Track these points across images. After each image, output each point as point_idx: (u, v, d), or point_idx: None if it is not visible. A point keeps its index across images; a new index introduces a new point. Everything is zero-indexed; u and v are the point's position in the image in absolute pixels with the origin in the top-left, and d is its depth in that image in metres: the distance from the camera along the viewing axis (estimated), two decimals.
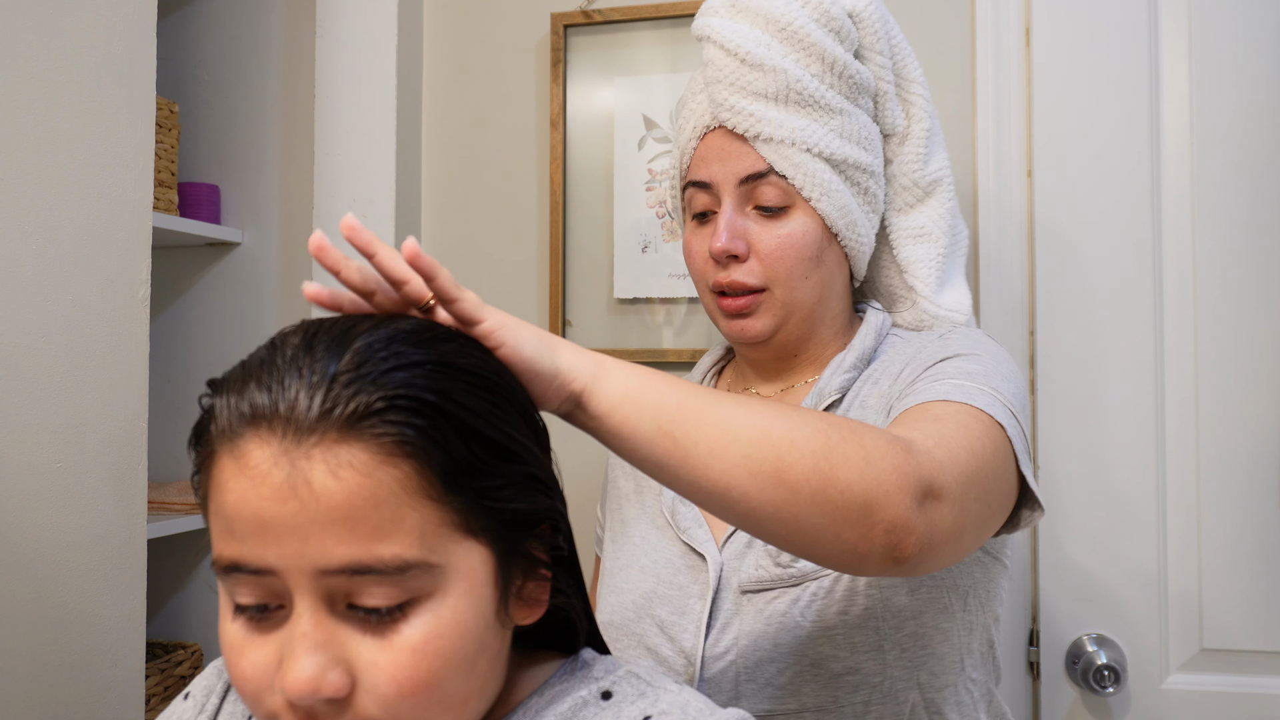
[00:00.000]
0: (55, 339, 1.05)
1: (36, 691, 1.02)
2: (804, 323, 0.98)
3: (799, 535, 0.64)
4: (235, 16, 1.63)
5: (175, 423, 1.63)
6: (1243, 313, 1.31)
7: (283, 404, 0.51)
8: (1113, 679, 1.29)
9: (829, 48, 0.95)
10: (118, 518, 1.13)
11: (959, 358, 0.87)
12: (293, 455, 0.51)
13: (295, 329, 0.56)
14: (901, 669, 0.87)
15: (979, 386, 0.81)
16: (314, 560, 0.51)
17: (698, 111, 0.99)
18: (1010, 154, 1.39)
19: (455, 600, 0.54)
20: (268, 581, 0.52)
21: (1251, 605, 1.29)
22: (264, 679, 0.53)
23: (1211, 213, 1.32)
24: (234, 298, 1.62)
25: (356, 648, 0.52)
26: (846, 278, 1.02)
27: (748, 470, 0.62)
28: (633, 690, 0.62)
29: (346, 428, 0.51)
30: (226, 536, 0.53)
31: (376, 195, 1.54)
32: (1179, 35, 1.34)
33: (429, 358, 0.54)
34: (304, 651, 0.51)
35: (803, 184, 0.94)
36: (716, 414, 0.63)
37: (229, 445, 0.53)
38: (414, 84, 1.61)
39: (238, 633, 0.54)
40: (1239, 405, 1.30)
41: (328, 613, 0.52)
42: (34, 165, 1.03)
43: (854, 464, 0.64)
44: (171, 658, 1.48)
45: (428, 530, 0.52)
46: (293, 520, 0.51)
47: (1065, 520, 1.35)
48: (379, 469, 0.51)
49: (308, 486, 0.50)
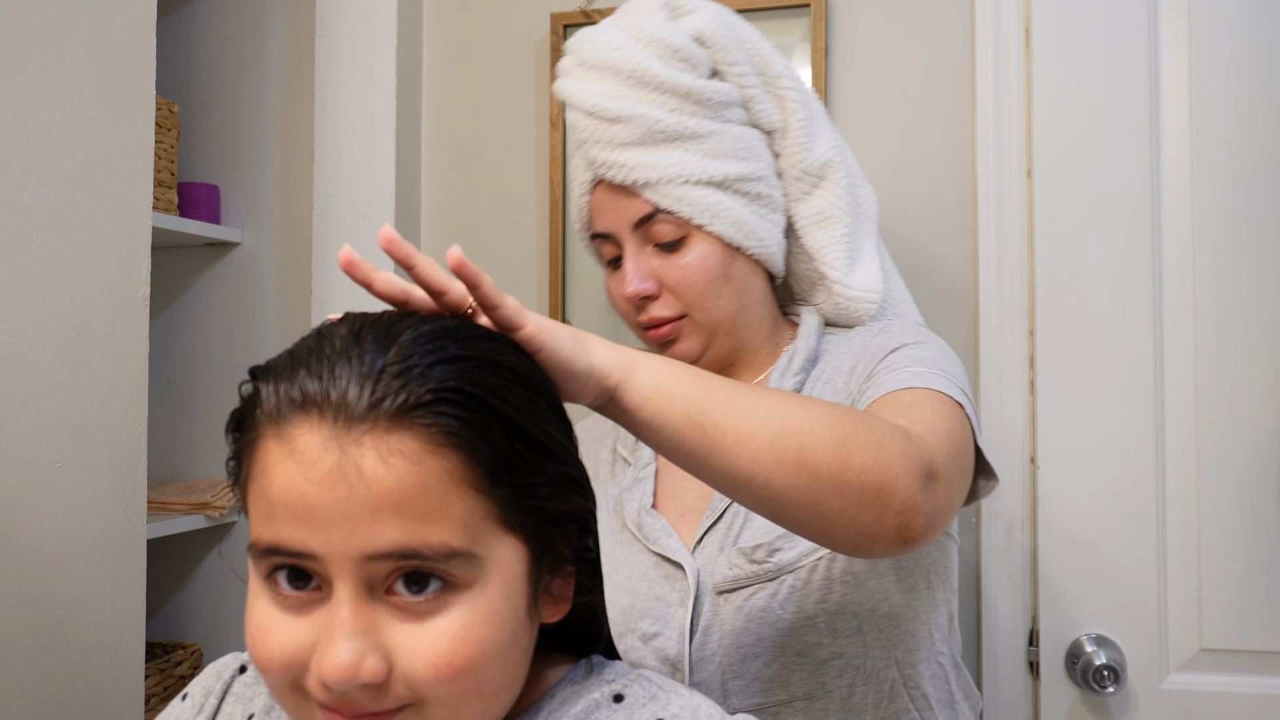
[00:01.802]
0: (55, 339, 1.05)
1: (36, 691, 1.02)
2: (730, 335, 1.02)
3: (817, 519, 0.67)
4: (235, 16, 1.63)
5: (175, 423, 1.63)
6: (1242, 312, 1.31)
7: (334, 392, 0.52)
8: (1112, 679, 1.29)
9: (678, 80, 0.98)
10: (117, 518, 1.13)
11: (906, 347, 0.93)
12: (343, 441, 0.51)
13: (341, 321, 0.57)
14: (881, 649, 0.91)
15: (933, 371, 0.87)
16: (361, 546, 0.51)
17: (579, 170, 1.05)
18: (1010, 154, 1.39)
19: (493, 592, 0.54)
20: (307, 564, 0.53)
21: (1251, 605, 1.29)
22: (293, 660, 0.53)
23: (1211, 212, 1.32)
24: (234, 298, 1.62)
25: (395, 634, 0.53)
26: (763, 281, 1.05)
27: (773, 457, 0.65)
28: (644, 693, 0.62)
29: (396, 417, 0.52)
30: (267, 519, 0.53)
31: (376, 195, 1.54)
32: (1179, 35, 1.34)
33: (471, 354, 0.55)
34: (343, 636, 0.51)
35: (691, 214, 0.97)
36: (742, 404, 0.66)
37: (276, 430, 0.53)
38: (414, 84, 1.61)
39: (267, 613, 0.54)
40: (1239, 405, 1.30)
41: (367, 599, 0.53)
42: (34, 165, 1.03)
43: (868, 450, 0.68)
44: (171, 658, 1.48)
45: (472, 521, 0.53)
46: (340, 506, 0.51)
47: (1065, 520, 1.35)
48: (428, 458, 0.52)
49: (358, 472, 0.51)
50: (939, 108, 1.44)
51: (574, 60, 1.03)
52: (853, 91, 1.47)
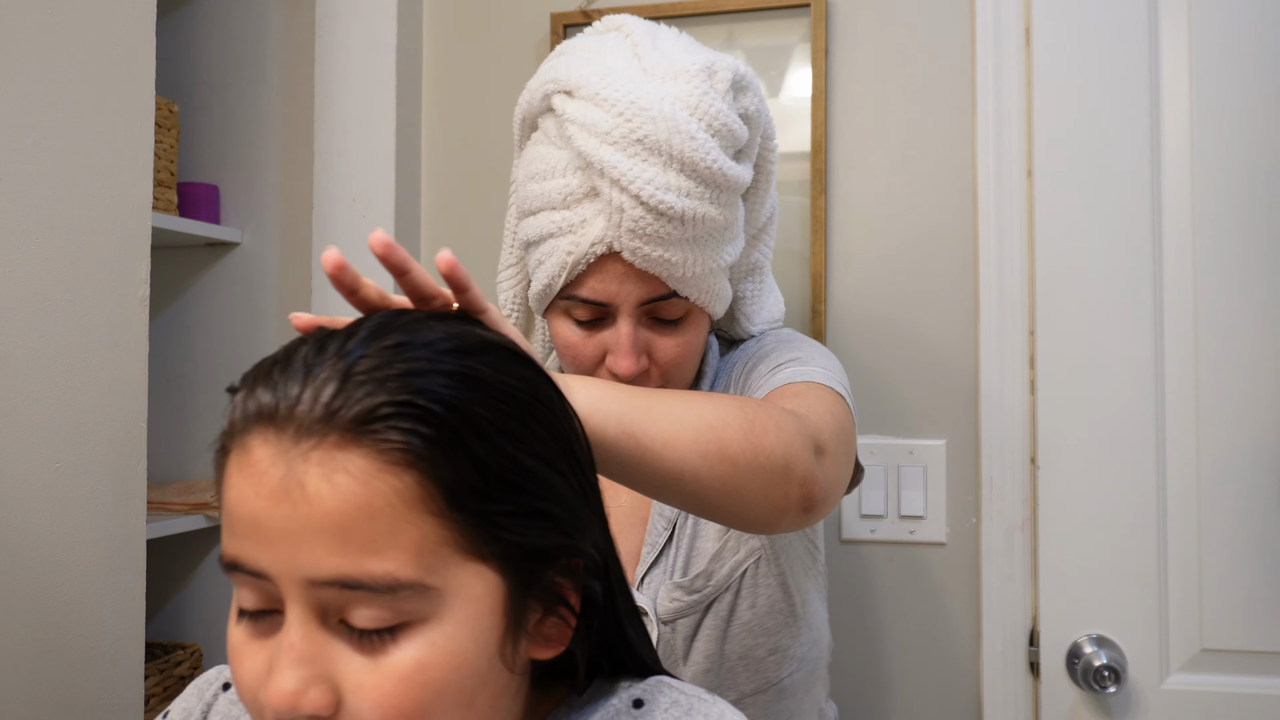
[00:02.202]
0: (55, 339, 1.05)
1: (36, 692, 1.02)
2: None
3: (737, 503, 0.73)
4: (235, 16, 1.63)
5: (175, 423, 1.63)
6: (1243, 312, 1.31)
7: (284, 404, 0.49)
8: (1113, 679, 1.29)
9: (735, 174, 0.90)
10: (117, 518, 1.13)
11: (784, 351, 0.99)
12: (290, 456, 0.48)
13: (335, 328, 0.54)
14: (806, 630, 1.01)
15: (813, 368, 0.94)
16: (304, 569, 0.48)
17: (590, 236, 0.89)
18: (1010, 154, 1.39)
19: (453, 628, 0.50)
20: (265, 585, 0.50)
21: (1252, 605, 1.29)
22: (258, 685, 0.51)
23: (1211, 212, 1.32)
24: (233, 298, 1.62)
25: (345, 666, 0.49)
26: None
27: (698, 453, 0.70)
28: (665, 699, 0.60)
29: (348, 431, 0.48)
30: (229, 534, 0.52)
31: (376, 195, 1.54)
32: (1179, 35, 1.34)
33: (455, 367, 0.51)
34: (288, 664, 0.49)
35: (705, 301, 0.95)
36: (664, 410, 0.70)
37: (238, 442, 0.51)
38: (414, 84, 1.61)
39: (240, 636, 0.52)
40: (1239, 405, 1.30)
41: (319, 625, 0.50)
42: (33, 165, 1.03)
43: (770, 432, 0.74)
44: (171, 658, 1.48)
45: (426, 548, 0.49)
46: (285, 524, 0.48)
47: (1065, 520, 1.35)
48: (376, 478, 0.48)
49: (301, 490, 0.48)
50: (939, 108, 1.44)
51: (624, 130, 0.87)
52: (853, 91, 1.47)
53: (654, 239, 0.88)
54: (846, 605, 1.43)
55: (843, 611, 1.43)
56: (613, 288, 0.92)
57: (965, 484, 1.41)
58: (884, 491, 1.42)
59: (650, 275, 0.91)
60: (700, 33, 1.51)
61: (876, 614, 1.43)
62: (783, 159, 1.48)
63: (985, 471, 1.38)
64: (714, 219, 0.90)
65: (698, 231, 0.90)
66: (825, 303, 1.45)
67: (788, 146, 1.47)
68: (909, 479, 1.41)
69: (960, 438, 1.41)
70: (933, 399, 1.42)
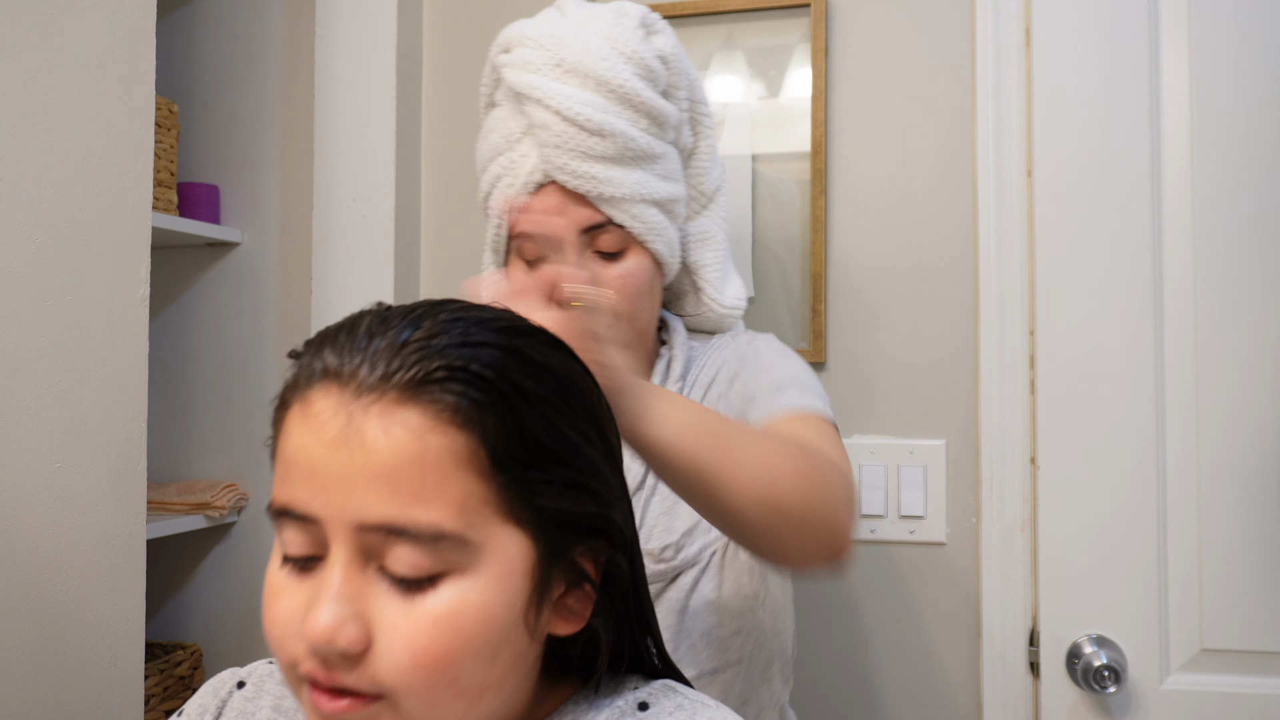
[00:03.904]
0: (55, 339, 1.05)
1: (35, 692, 1.02)
2: (639, 343, 1.07)
3: (773, 546, 0.77)
4: (235, 16, 1.63)
5: (175, 423, 1.63)
6: (1243, 312, 1.31)
7: (350, 364, 0.54)
8: (1113, 679, 1.29)
9: (652, 101, 1.00)
10: (117, 518, 1.13)
11: (782, 365, 1.03)
12: (351, 409, 0.53)
13: (379, 305, 0.59)
14: (769, 622, 1.03)
15: (812, 394, 0.99)
16: (354, 513, 0.52)
17: (526, 166, 1.01)
18: (1010, 154, 1.39)
19: (486, 583, 0.53)
20: (312, 530, 0.54)
21: (1252, 605, 1.29)
22: (291, 624, 0.54)
23: (1211, 211, 1.32)
24: (233, 298, 1.62)
25: (381, 608, 0.53)
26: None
27: (755, 499, 0.74)
28: (670, 703, 0.62)
29: (405, 391, 0.52)
30: (282, 480, 0.55)
31: (376, 195, 1.54)
32: (1179, 35, 1.34)
33: (502, 342, 0.56)
34: (328, 599, 0.52)
35: (640, 231, 1.01)
36: (735, 452, 0.74)
37: (299, 397, 0.55)
38: (414, 84, 1.61)
39: (279, 579, 0.55)
40: (1239, 404, 1.30)
41: (360, 568, 0.53)
42: (33, 165, 1.03)
43: (821, 492, 0.78)
44: (171, 658, 1.48)
45: (469, 505, 0.53)
46: (341, 470, 0.52)
47: (1065, 520, 1.35)
48: (429, 433, 0.52)
49: (359, 438, 0.52)
50: (939, 108, 1.44)
51: (545, 58, 1.00)
52: (853, 91, 1.47)
53: (578, 154, 0.97)
54: (847, 605, 1.43)
55: (843, 611, 1.43)
56: (553, 219, 1.00)
57: (965, 484, 1.41)
58: (884, 491, 1.42)
59: (586, 202, 0.99)
60: (700, 33, 1.51)
61: (876, 614, 1.43)
62: (783, 159, 1.48)
63: (985, 471, 1.38)
64: (635, 140, 0.99)
65: (620, 150, 0.98)
66: (825, 303, 1.45)
67: (788, 146, 1.47)
68: (909, 479, 1.42)
69: (960, 438, 1.41)
70: (933, 399, 1.42)
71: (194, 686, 1.53)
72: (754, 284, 1.48)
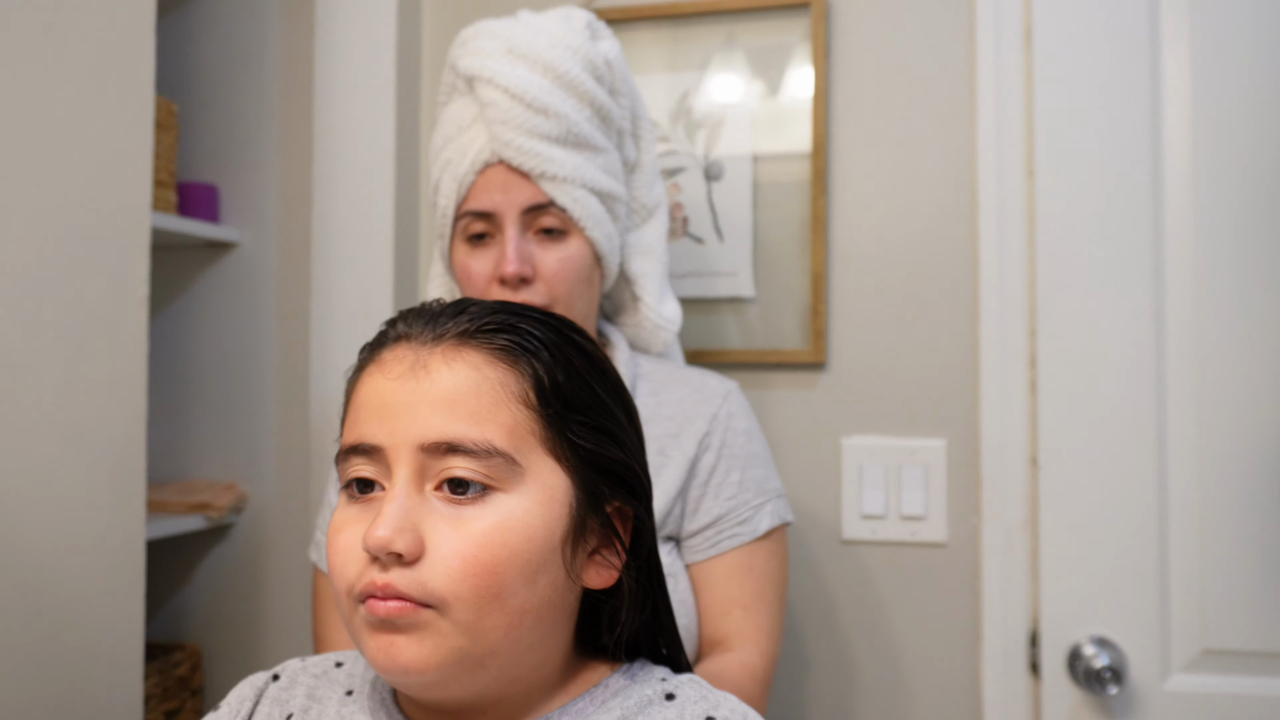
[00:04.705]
0: (54, 339, 1.05)
1: (35, 692, 1.02)
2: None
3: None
4: (235, 16, 1.63)
5: (174, 423, 1.62)
6: (1243, 312, 1.31)
7: (418, 328, 0.64)
8: (1114, 680, 1.29)
9: (596, 94, 1.08)
10: (116, 518, 1.12)
11: (752, 455, 1.09)
12: (419, 353, 0.63)
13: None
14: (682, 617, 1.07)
15: (778, 492, 1.08)
16: (417, 434, 0.60)
17: (474, 147, 1.07)
18: (1010, 154, 1.39)
19: (529, 503, 0.61)
20: (376, 459, 0.62)
21: (1254, 605, 1.29)
22: (352, 549, 0.61)
23: (1212, 211, 1.32)
24: (233, 298, 1.61)
25: (435, 524, 0.60)
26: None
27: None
28: (695, 694, 0.66)
29: (465, 337, 0.63)
30: (352, 426, 0.64)
31: (376, 195, 1.54)
32: (1180, 35, 1.34)
33: (551, 321, 0.66)
34: (389, 513, 0.59)
35: (580, 215, 1.07)
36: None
37: (375, 356, 0.65)
38: (414, 84, 1.61)
39: (342, 516, 0.63)
40: (1240, 404, 1.30)
41: (418, 488, 0.61)
42: (33, 165, 1.03)
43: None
44: (170, 659, 1.48)
45: (517, 432, 0.61)
46: (407, 398, 0.61)
47: (1066, 520, 1.35)
48: (485, 366, 0.62)
49: (425, 370, 0.62)
50: (939, 107, 1.44)
51: (498, 44, 1.08)
52: (853, 91, 1.46)
53: (524, 130, 1.04)
54: (847, 605, 1.43)
55: (843, 612, 1.43)
56: (497, 196, 1.06)
57: (966, 484, 1.41)
58: (884, 492, 1.42)
59: (528, 184, 1.05)
60: (700, 32, 1.51)
61: (876, 614, 1.43)
62: (783, 159, 1.48)
63: (986, 471, 1.38)
64: (579, 125, 1.06)
65: (564, 132, 1.05)
66: (825, 303, 1.45)
67: (788, 146, 1.47)
68: (909, 479, 1.41)
69: (961, 438, 1.41)
70: (933, 399, 1.42)
71: (194, 687, 1.52)
72: (754, 284, 1.48)
